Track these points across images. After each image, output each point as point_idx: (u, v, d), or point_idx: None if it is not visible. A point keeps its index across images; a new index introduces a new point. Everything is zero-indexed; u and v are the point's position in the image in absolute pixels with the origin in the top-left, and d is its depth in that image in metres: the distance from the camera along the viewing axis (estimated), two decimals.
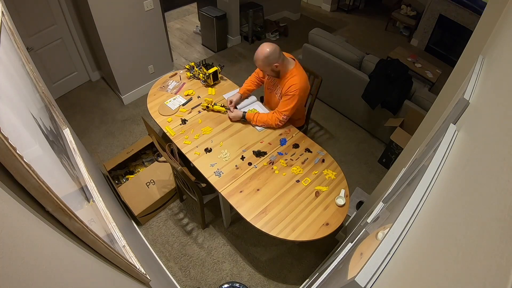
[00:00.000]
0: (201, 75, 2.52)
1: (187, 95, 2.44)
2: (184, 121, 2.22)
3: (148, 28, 3.14)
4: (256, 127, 2.20)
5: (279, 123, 2.14)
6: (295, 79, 2.03)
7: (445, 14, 4.26)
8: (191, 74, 2.60)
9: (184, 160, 2.10)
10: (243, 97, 2.39)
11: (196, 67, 2.60)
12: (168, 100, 2.40)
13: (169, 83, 2.57)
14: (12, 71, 0.91)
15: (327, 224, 1.71)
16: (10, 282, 0.39)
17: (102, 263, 0.81)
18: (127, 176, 2.63)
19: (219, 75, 2.57)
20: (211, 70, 2.45)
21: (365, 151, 3.16)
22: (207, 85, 2.53)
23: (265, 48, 1.95)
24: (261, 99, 2.54)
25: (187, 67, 2.66)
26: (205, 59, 2.71)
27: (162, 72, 3.53)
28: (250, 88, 2.39)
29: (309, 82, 2.18)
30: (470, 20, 3.90)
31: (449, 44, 4.54)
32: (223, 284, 2.03)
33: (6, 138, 0.45)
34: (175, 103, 2.37)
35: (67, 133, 1.61)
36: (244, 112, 2.19)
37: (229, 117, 2.24)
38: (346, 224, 2.31)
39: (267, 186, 1.86)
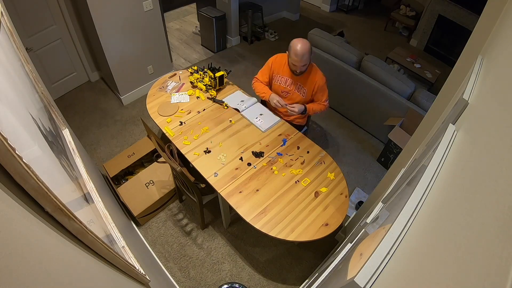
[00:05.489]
0: (206, 78, 2.44)
1: (191, 94, 2.46)
2: (183, 122, 2.22)
3: (147, 29, 3.14)
4: (261, 128, 2.21)
5: (327, 107, 2.36)
6: (319, 72, 2.23)
7: (444, 14, 4.27)
8: (195, 79, 2.49)
9: (183, 160, 2.10)
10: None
11: (200, 71, 2.52)
12: (171, 95, 2.43)
13: (169, 84, 2.57)
14: (11, 72, 0.91)
15: (327, 224, 1.71)
16: (10, 282, 0.39)
17: (101, 264, 0.81)
18: (126, 177, 2.63)
19: (225, 80, 2.52)
20: (218, 74, 2.39)
21: (364, 151, 3.16)
22: (213, 88, 2.45)
23: (305, 42, 2.05)
24: (262, 102, 2.52)
25: (190, 70, 2.59)
26: (211, 63, 2.66)
27: (161, 73, 3.53)
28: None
29: None
30: (469, 20, 3.91)
31: (448, 44, 4.54)
32: (222, 285, 2.03)
33: (6, 139, 0.45)
34: (179, 98, 2.42)
35: (66, 133, 1.61)
36: (305, 105, 2.26)
37: (291, 111, 2.21)
38: (346, 225, 2.31)
39: (267, 187, 1.86)
